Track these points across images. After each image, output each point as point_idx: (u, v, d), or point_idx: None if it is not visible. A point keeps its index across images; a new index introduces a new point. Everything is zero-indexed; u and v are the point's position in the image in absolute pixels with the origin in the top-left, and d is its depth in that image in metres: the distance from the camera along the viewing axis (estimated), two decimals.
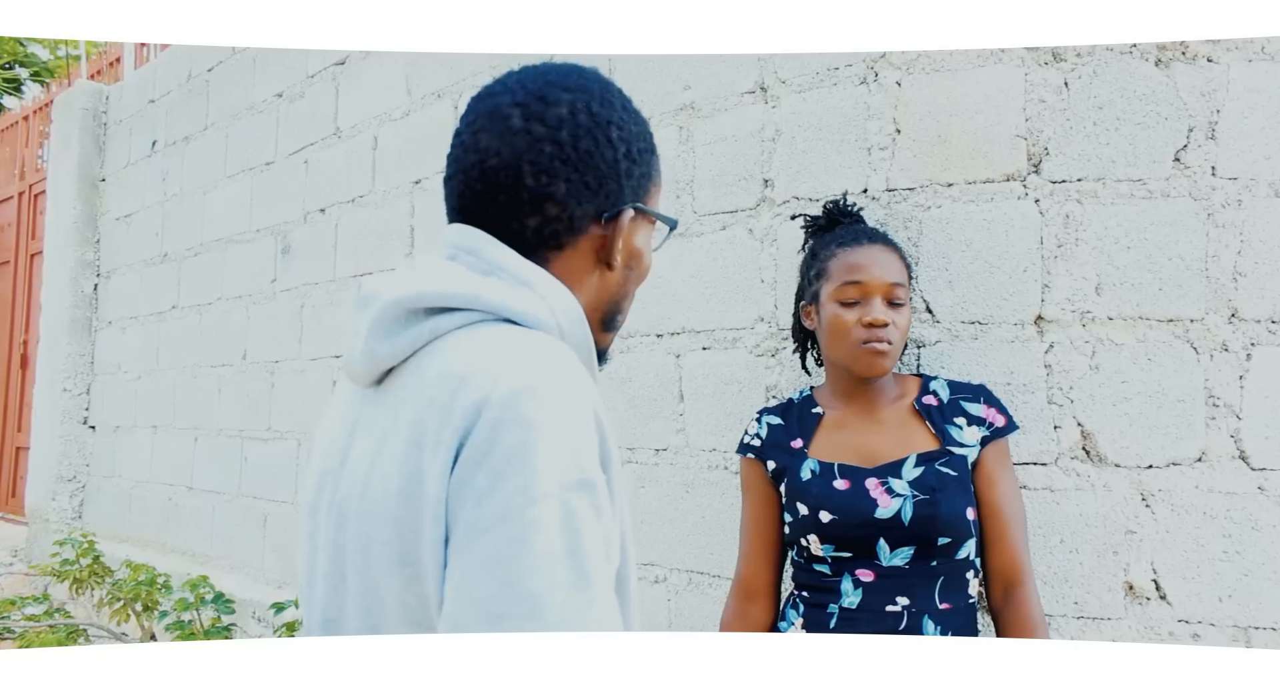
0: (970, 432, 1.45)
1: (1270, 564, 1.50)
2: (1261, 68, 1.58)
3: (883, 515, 1.38)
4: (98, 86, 4.81)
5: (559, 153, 0.79)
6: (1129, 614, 1.53)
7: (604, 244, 0.83)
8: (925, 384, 1.51)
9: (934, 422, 1.46)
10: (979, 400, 1.48)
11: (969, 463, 1.43)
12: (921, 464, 1.42)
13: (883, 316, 1.42)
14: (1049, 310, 1.59)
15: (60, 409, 4.53)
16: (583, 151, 0.80)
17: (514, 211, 0.80)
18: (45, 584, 4.19)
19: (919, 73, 1.69)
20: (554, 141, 0.79)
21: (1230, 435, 1.53)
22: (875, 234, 1.51)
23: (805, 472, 1.46)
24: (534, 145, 0.79)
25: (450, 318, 0.75)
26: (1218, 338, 1.55)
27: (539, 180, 0.79)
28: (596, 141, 0.81)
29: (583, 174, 0.80)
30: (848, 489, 1.42)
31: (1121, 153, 1.58)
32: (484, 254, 0.80)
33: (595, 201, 0.82)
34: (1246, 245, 1.56)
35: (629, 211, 0.83)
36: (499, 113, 0.80)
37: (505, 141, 0.79)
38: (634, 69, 2.16)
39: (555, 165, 0.79)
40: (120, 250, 4.47)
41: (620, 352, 2.14)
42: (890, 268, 1.46)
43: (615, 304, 0.89)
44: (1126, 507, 1.54)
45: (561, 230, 0.81)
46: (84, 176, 4.67)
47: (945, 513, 1.38)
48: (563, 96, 0.81)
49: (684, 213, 2.03)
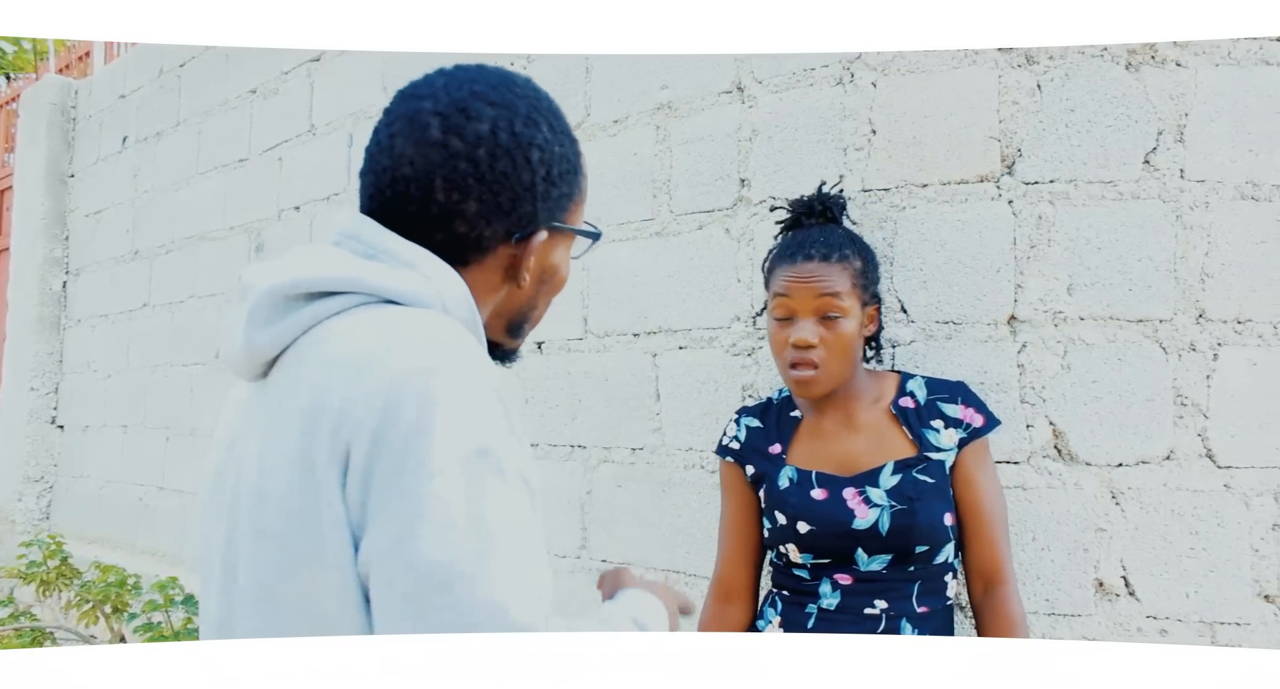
0: (948, 435, 1.43)
1: (1235, 561, 1.53)
2: (1228, 72, 1.60)
3: (860, 526, 1.38)
4: (66, 81, 4.74)
5: (474, 171, 0.76)
6: (1099, 611, 1.55)
7: (514, 263, 0.81)
8: (903, 384, 1.49)
9: (911, 426, 1.44)
10: (957, 400, 1.46)
11: (947, 467, 1.42)
12: (899, 472, 1.40)
13: (806, 337, 1.37)
14: (1022, 310, 1.60)
15: (27, 408, 4.45)
16: (499, 172, 0.77)
17: (421, 224, 0.77)
18: (11, 587, 4.12)
19: (894, 74, 1.70)
20: (470, 159, 0.76)
21: (1198, 434, 1.56)
22: (817, 245, 1.42)
23: (783, 479, 1.45)
24: (449, 161, 0.76)
25: (330, 302, 0.73)
26: (1186, 338, 1.57)
27: (450, 197, 0.76)
28: (515, 163, 0.78)
29: (496, 195, 0.77)
30: (825, 499, 1.41)
31: (1093, 155, 1.60)
32: (366, 238, 0.77)
33: (506, 222, 0.79)
34: (1214, 247, 1.58)
35: (542, 234, 0.81)
36: (419, 119, 0.77)
37: (420, 152, 0.76)
38: (611, 69, 2.16)
39: (469, 183, 0.76)
40: (90, 247, 4.41)
41: (596, 351, 2.14)
42: (825, 281, 1.38)
43: (522, 315, 0.87)
44: (1097, 504, 1.56)
45: (468, 248, 0.79)
46: (52, 172, 4.60)
47: (923, 522, 1.37)
48: (486, 112, 0.78)
49: (660, 212, 2.03)
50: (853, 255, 1.44)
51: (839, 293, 1.39)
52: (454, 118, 0.77)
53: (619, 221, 2.11)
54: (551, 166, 0.81)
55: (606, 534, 2.08)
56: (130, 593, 3.16)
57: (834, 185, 1.61)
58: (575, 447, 2.16)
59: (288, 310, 0.73)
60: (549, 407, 2.22)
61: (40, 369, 4.49)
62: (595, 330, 2.15)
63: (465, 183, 0.76)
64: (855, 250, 1.45)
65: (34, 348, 4.49)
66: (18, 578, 3.46)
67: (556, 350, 2.23)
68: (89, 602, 3.18)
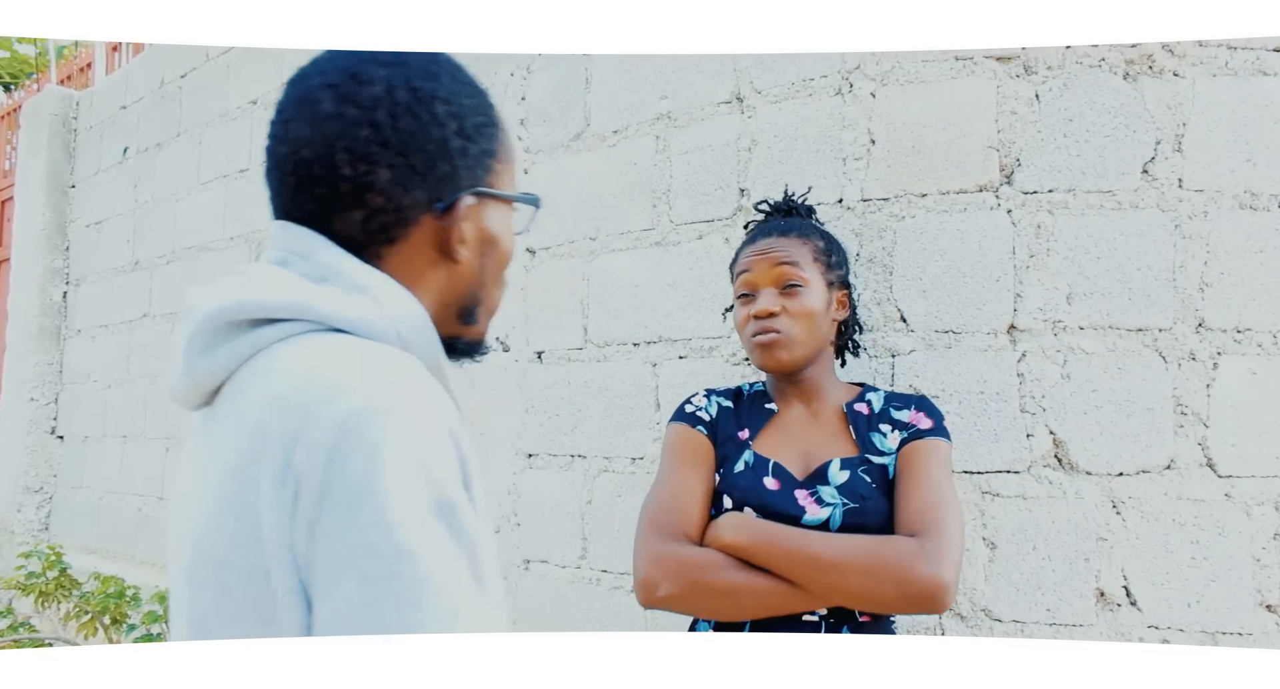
0: (892, 438, 1.36)
1: (1236, 570, 1.53)
2: (1225, 82, 1.61)
3: (811, 522, 1.29)
4: (67, 92, 4.76)
5: (376, 136, 0.70)
6: (1100, 621, 1.54)
7: (444, 236, 0.74)
8: (863, 393, 1.44)
9: (857, 429, 1.38)
10: (909, 407, 1.39)
11: (890, 472, 1.33)
12: (847, 468, 1.33)
13: (766, 306, 1.35)
14: (1021, 319, 1.60)
15: (27, 419, 4.45)
16: (404, 132, 0.71)
17: (334, 206, 0.71)
18: (10, 598, 4.11)
19: (893, 84, 1.71)
20: (370, 124, 0.70)
21: (1198, 443, 1.56)
22: (776, 226, 1.42)
23: (740, 463, 1.37)
24: (347, 130, 0.70)
25: (275, 329, 0.67)
26: (1185, 347, 1.57)
27: (356, 169, 0.70)
28: (419, 119, 0.71)
29: (407, 158, 0.71)
30: (777, 490, 1.32)
31: (1091, 164, 1.61)
32: (316, 258, 0.71)
33: (426, 187, 0.72)
34: (1213, 256, 1.59)
35: (467, 199, 0.74)
36: (309, 97, 0.71)
37: (316, 129, 0.70)
38: (610, 79, 2.17)
39: (373, 150, 0.70)
40: (90, 258, 4.41)
41: (597, 360, 2.14)
42: (783, 251, 1.37)
43: (471, 296, 0.78)
44: (1097, 514, 1.55)
45: (391, 223, 0.72)
46: (53, 183, 4.61)
47: (874, 522, 1.28)
48: (377, 73, 0.71)
49: (660, 222, 2.04)
50: (813, 235, 1.42)
51: (797, 262, 1.37)
52: (345, 86, 0.71)
53: (619, 231, 2.11)
54: (463, 120, 0.74)
55: (607, 544, 2.07)
56: (129, 604, 3.15)
57: (801, 195, 1.58)
58: (575, 456, 2.16)
59: (229, 336, 0.68)
60: (549, 416, 2.22)
61: (40, 379, 4.49)
62: (595, 340, 2.15)
63: (369, 151, 0.70)
64: (817, 234, 1.43)
65: (34, 358, 4.49)
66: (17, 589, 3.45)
67: (556, 360, 2.23)
68: (88, 613, 3.17)
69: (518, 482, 2.29)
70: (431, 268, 0.75)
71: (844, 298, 1.45)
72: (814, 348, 1.39)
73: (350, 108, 0.70)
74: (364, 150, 0.70)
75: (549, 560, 2.20)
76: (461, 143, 0.73)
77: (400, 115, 0.70)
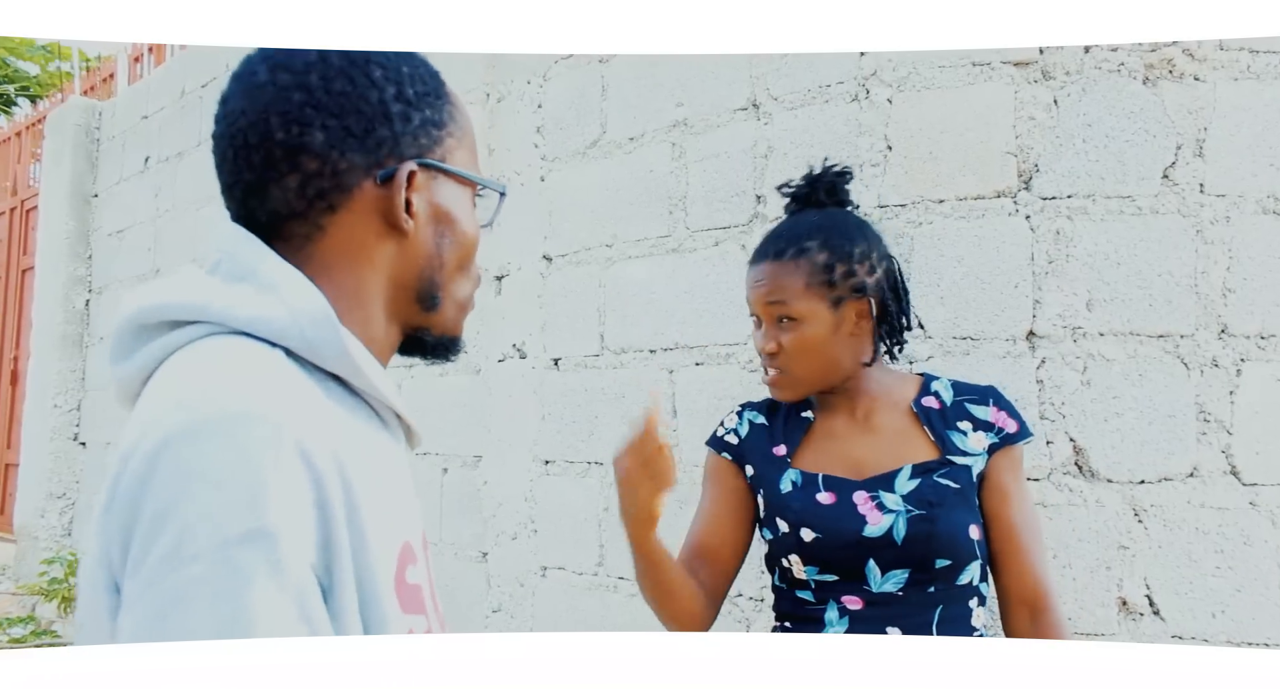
0: (976, 438, 1.28)
1: (1262, 580, 1.51)
2: (1247, 86, 1.59)
3: (872, 533, 1.23)
4: (90, 103, 4.82)
5: (309, 99, 0.68)
6: (1122, 630, 1.53)
7: (388, 206, 0.71)
8: (926, 384, 1.34)
9: (933, 427, 1.29)
10: (987, 402, 1.30)
11: (974, 474, 1.26)
12: (918, 476, 1.25)
13: (763, 345, 1.30)
14: (1040, 326, 1.59)
15: (50, 425, 4.50)
16: (337, 93, 0.69)
17: (269, 173, 0.69)
18: (33, 603, 4.15)
19: (910, 90, 1.70)
20: (303, 87, 0.68)
21: (1221, 451, 1.54)
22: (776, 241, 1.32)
23: (786, 483, 1.30)
24: (281, 95, 0.68)
25: (183, 333, 0.65)
26: (1208, 353, 1.55)
27: (289, 131, 0.68)
28: (354, 81, 0.70)
29: (341, 119, 0.69)
30: (833, 504, 1.26)
31: (1110, 170, 1.59)
32: (240, 256, 0.68)
33: (363, 151, 0.70)
34: (1235, 261, 1.57)
35: (409, 166, 0.71)
36: (245, 72, 0.71)
37: (251, 99, 0.69)
38: (626, 86, 2.17)
39: (306, 113, 0.68)
40: (112, 266, 4.46)
41: (613, 367, 2.14)
42: (771, 288, 1.29)
43: (427, 278, 0.74)
44: (1119, 522, 1.54)
45: (328, 188, 0.69)
46: (76, 192, 4.67)
47: (944, 531, 1.22)
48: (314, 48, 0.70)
49: (676, 229, 2.04)
50: (815, 248, 1.28)
51: (785, 300, 1.28)
52: (278, 56, 0.70)
53: (635, 238, 2.11)
54: (402, 85, 0.72)
55: (624, 550, 2.07)
56: None
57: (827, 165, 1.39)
58: (592, 463, 2.16)
59: (145, 340, 0.66)
60: (566, 423, 2.22)
61: (63, 386, 4.54)
62: (612, 347, 2.15)
63: (303, 113, 0.68)
64: (818, 245, 1.29)
65: (57, 365, 4.54)
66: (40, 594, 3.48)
67: (573, 367, 2.23)
68: None
69: (534, 488, 2.29)
70: (379, 240, 0.72)
71: (863, 308, 1.30)
72: (825, 375, 1.31)
73: (283, 74, 0.69)
74: (297, 113, 0.68)
75: (566, 567, 2.20)
76: (402, 107, 0.71)
77: (334, 77, 0.69)
